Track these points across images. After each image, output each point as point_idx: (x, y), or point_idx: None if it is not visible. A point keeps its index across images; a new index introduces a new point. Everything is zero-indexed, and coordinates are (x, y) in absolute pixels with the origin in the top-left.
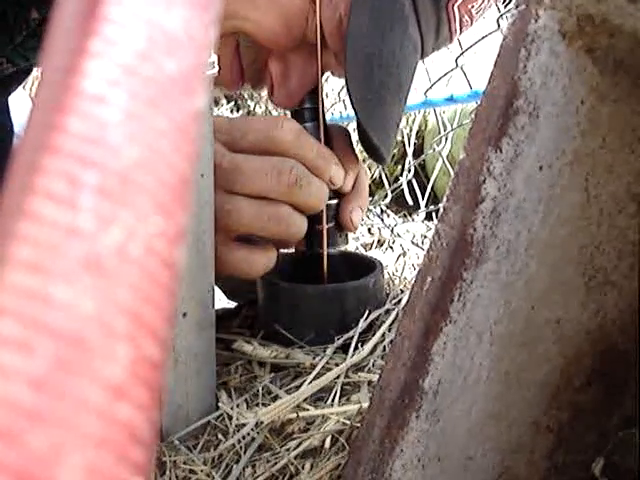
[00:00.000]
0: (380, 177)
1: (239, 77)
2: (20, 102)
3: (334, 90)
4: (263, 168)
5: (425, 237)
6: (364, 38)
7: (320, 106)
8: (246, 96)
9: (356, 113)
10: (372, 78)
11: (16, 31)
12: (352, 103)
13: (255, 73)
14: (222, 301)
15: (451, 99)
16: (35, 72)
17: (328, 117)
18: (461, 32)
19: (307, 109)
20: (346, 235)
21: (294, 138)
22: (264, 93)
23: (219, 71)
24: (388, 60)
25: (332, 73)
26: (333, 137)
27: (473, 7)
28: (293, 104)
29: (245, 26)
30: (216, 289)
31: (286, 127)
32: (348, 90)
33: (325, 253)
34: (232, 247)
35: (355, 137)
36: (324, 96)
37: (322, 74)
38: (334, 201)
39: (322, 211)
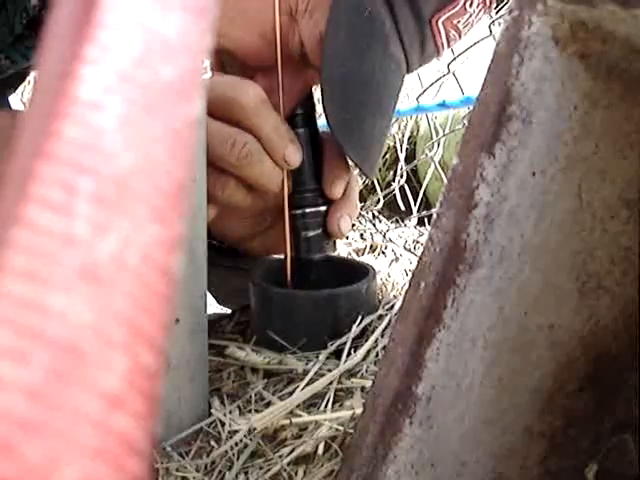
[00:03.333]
0: (372, 182)
1: None
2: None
3: None
4: (219, 135)
5: (417, 242)
6: (340, 58)
7: (282, 107)
8: None
9: (333, 133)
10: (349, 98)
11: (16, 21)
12: (328, 123)
13: None
14: (214, 307)
15: (443, 105)
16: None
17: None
18: (449, 46)
19: (299, 115)
20: (334, 242)
21: (255, 105)
22: None
23: None
24: (366, 79)
25: None
26: (324, 144)
27: (459, 22)
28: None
29: (225, 44)
30: (208, 295)
31: (251, 93)
32: (324, 110)
33: (288, 258)
34: None
35: None
36: (315, 101)
37: (308, 89)
38: (323, 207)
39: (288, 212)
